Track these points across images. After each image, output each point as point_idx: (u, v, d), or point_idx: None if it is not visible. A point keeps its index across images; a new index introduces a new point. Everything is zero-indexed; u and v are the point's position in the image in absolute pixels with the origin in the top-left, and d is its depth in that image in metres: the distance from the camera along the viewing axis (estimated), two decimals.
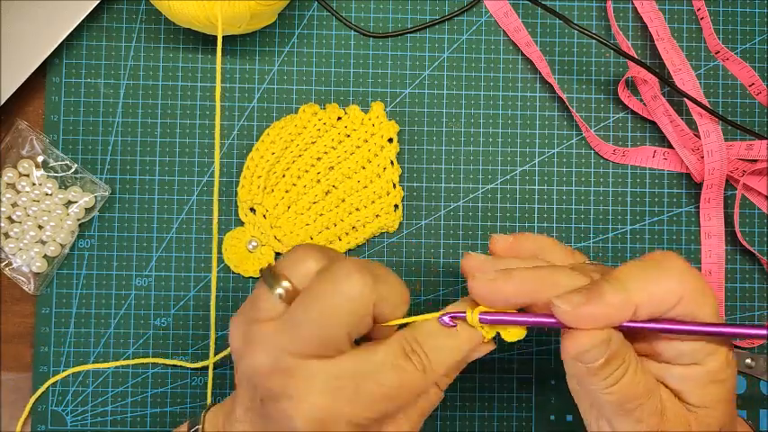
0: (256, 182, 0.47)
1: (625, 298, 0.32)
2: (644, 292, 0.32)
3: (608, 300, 0.32)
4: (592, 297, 0.32)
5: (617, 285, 0.32)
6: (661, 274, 0.33)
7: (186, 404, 0.48)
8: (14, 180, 0.47)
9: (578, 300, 0.32)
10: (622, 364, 0.33)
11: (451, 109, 0.50)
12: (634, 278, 0.33)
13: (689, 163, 0.49)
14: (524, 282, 0.33)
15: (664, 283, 0.32)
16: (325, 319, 0.32)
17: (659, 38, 0.49)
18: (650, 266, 0.33)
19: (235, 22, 0.44)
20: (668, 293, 0.32)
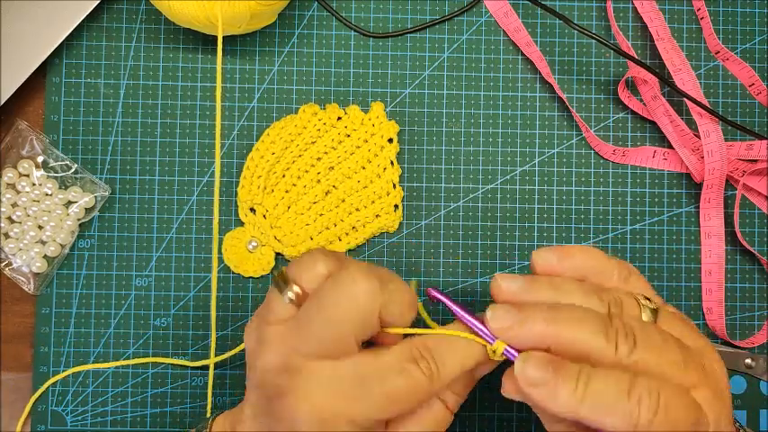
0: (256, 182, 0.47)
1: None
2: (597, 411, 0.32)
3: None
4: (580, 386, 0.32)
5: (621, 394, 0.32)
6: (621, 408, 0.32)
7: (186, 404, 0.48)
8: (14, 180, 0.47)
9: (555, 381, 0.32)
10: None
11: (451, 109, 0.50)
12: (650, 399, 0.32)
13: (689, 163, 0.49)
14: (537, 333, 0.33)
15: (689, 415, 0.32)
16: (333, 322, 0.33)
17: (659, 38, 0.49)
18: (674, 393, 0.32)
19: (235, 22, 0.44)
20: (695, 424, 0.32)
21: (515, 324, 0.33)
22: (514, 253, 0.49)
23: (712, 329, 0.49)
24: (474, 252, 0.49)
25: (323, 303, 0.33)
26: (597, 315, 0.33)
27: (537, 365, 0.32)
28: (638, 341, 0.33)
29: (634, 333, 0.33)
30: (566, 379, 0.32)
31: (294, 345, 0.33)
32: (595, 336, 0.32)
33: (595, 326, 0.33)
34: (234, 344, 0.48)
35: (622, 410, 0.31)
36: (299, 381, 0.33)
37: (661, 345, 0.33)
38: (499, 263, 0.49)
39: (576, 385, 0.31)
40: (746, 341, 0.49)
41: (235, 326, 0.48)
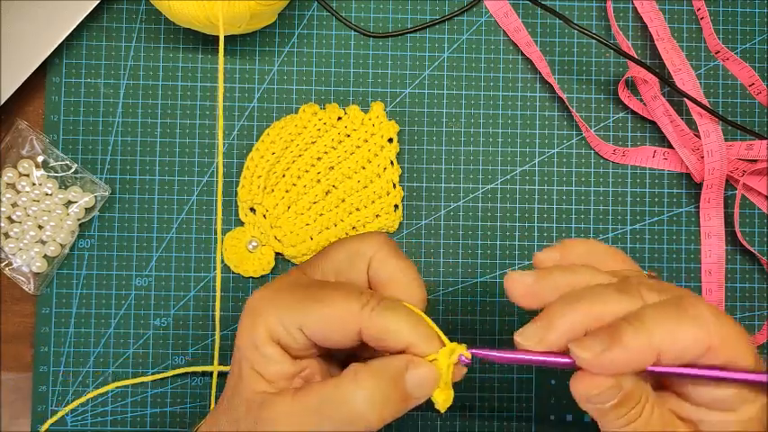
0: (256, 182, 0.47)
1: (647, 344, 0.30)
2: (668, 339, 0.31)
3: (629, 346, 0.30)
4: (613, 343, 0.30)
5: (639, 329, 0.31)
6: (686, 322, 0.31)
7: (186, 404, 0.48)
8: (14, 180, 0.47)
9: (598, 347, 0.31)
10: (636, 405, 0.32)
11: (451, 109, 0.50)
12: (659, 323, 0.31)
13: (689, 163, 0.49)
14: (568, 326, 0.32)
15: (689, 332, 0.31)
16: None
17: (659, 38, 0.49)
18: (677, 312, 0.31)
19: (235, 22, 0.44)
20: (694, 342, 0.31)
21: (542, 330, 0.32)
22: (514, 253, 0.49)
23: None
24: (474, 252, 0.49)
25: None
26: (611, 284, 0.33)
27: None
28: (657, 289, 0.32)
29: (652, 287, 0.32)
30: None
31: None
32: (624, 301, 0.32)
33: (615, 293, 0.32)
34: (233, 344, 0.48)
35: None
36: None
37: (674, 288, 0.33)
38: (499, 263, 0.49)
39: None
40: None
41: (235, 326, 0.48)
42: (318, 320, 0.32)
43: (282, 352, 0.33)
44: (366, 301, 0.32)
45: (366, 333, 0.32)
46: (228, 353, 0.48)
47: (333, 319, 0.32)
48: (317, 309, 0.33)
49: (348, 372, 0.32)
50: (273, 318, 0.33)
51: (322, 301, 0.33)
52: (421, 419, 0.48)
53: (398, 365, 0.32)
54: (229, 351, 0.48)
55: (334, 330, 0.33)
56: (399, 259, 0.35)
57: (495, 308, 0.49)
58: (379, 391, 0.32)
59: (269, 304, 0.34)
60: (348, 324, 0.32)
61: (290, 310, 0.33)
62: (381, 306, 0.32)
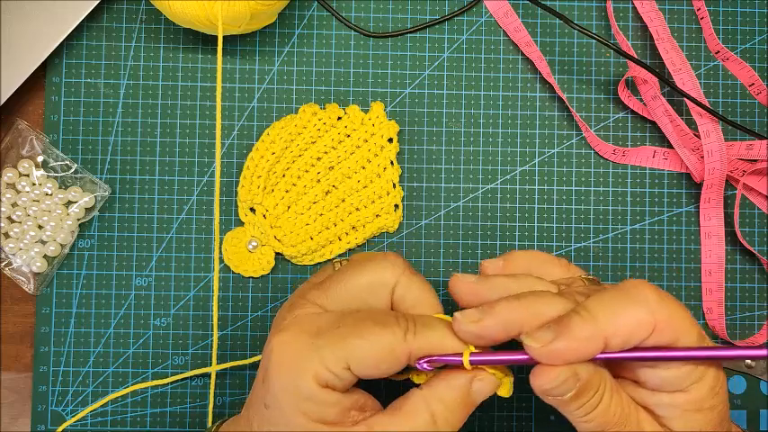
0: (256, 182, 0.47)
1: (594, 331, 0.32)
2: (613, 323, 0.32)
3: (576, 334, 0.31)
4: (560, 332, 0.32)
5: (586, 318, 0.32)
6: (629, 305, 0.32)
7: (186, 404, 0.48)
8: (14, 180, 0.47)
9: (547, 336, 0.32)
10: (596, 394, 0.32)
11: (451, 109, 0.50)
12: (603, 309, 0.32)
13: (689, 163, 0.49)
14: (508, 314, 0.33)
15: (633, 314, 0.32)
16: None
17: (659, 38, 0.49)
18: (620, 297, 0.32)
19: (235, 22, 0.44)
20: (639, 324, 0.32)
21: (482, 314, 0.33)
22: None
23: (712, 329, 0.49)
24: (474, 252, 0.49)
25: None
26: (550, 288, 0.35)
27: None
28: (591, 294, 0.34)
29: (587, 292, 0.34)
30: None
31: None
32: (559, 302, 0.33)
33: (557, 296, 0.34)
34: (234, 344, 0.48)
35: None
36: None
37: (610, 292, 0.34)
38: None
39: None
40: (746, 341, 0.49)
41: (235, 326, 0.48)
42: (366, 356, 0.33)
43: (334, 393, 0.34)
44: (405, 326, 0.34)
45: (415, 356, 0.34)
46: (228, 353, 0.48)
47: (380, 352, 0.33)
48: (362, 345, 0.33)
49: (417, 400, 0.34)
50: (317, 363, 0.33)
51: (364, 337, 0.33)
52: None
53: (463, 384, 0.34)
54: (229, 351, 0.48)
55: (382, 362, 0.33)
56: (418, 280, 0.37)
57: None
58: (453, 414, 0.34)
59: (306, 350, 0.33)
60: (396, 353, 0.33)
61: (333, 350, 0.33)
62: (420, 326, 0.34)
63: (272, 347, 0.34)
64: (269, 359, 0.34)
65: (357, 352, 0.33)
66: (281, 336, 0.34)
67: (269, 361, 0.34)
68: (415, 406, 0.34)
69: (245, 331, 0.48)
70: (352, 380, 0.34)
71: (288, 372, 0.33)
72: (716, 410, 0.34)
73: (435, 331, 0.34)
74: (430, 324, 0.34)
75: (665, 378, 0.33)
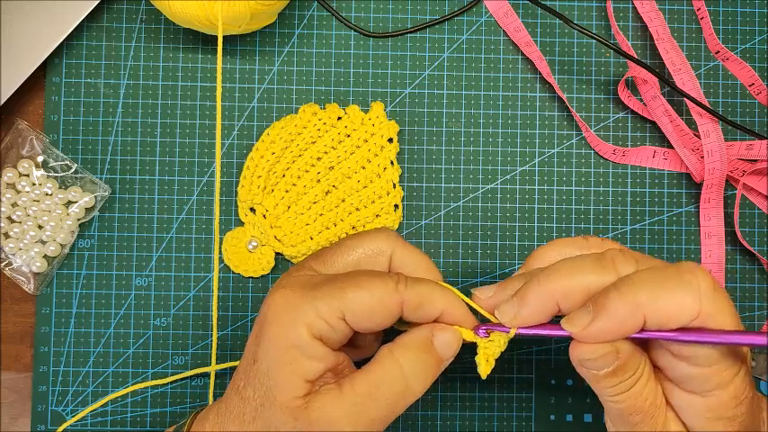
0: (256, 182, 0.47)
1: (633, 309, 0.31)
2: (655, 303, 0.31)
3: (614, 314, 0.31)
4: (598, 312, 0.31)
5: (625, 294, 0.31)
6: (678, 287, 0.31)
7: (186, 404, 0.48)
8: (14, 180, 0.47)
9: (584, 319, 0.31)
10: (632, 376, 0.32)
11: (451, 109, 0.50)
12: (647, 287, 0.31)
13: (689, 163, 0.49)
14: (541, 301, 0.33)
15: (679, 298, 0.30)
16: None
17: (659, 38, 0.49)
18: (670, 276, 0.31)
19: (235, 22, 0.44)
20: (682, 310, 0.31)
21: (518, 309, 0.34)
22: (514, 253, 0.49)
23: None
24: (474, 252, 0.49)
25: None
26: (587, 256, 0.33)
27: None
28: (637, 259, 0.33)
29: (635, 261, 0.33)
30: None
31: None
32: (593, 266, 0.32)
33: (589, 263, 0.33)
34: (234, 344, 0.48)
35: None
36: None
37: (652, 259, 0.33)
38: (499, 263, 0.49)
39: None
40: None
41: (235, 326, 0.48)
42: (361, 304, 0.34)
43: (325, 347, 0.34)
44: (398, 278, 0.35)
45: (407, 306, 0.34)
46: (228, 353, 0.48)
47: (375, 299, 0.34)
48: (358, 294, 0.34)
49: (383, 353, 0.34)
50: (312, 313, 0.34)
51: (360, 286, 0.34)
52: (421, 419, 0.48)
53: (425, 334, 0.35)
54: (229, 351, 0.48)
55: (377, 311, 0.34)
56: (414, 249, 0.38)
57: None
58: (418, 362, 0.34)
59: (302, 301, 0.34)
60: (390, 302, 0.34)
61: (328, 301, 0.34)
62: (411, 280, 0.35)
63: (269, 302, 0.35)
64: (265, 313, 0.35)
65: (352, 301, 0.34)
66: (278, 290, 0.35)
67: (265, 314, 0.35)
68: (381, 358, 0.34)
69: (245, 331, 0.48)
70: (346, 333, 0.34)
71: (282, 322, 0.34)
72: (737, 421, 0.32)
73: (427, 286, 0.35)
74: (422, 281, 0.35)
75: (689, 375, 0.32)
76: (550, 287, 0.33)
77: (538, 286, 0.33)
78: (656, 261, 0.33)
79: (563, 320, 0.32)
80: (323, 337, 0.34)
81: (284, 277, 0.37)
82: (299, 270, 0.37)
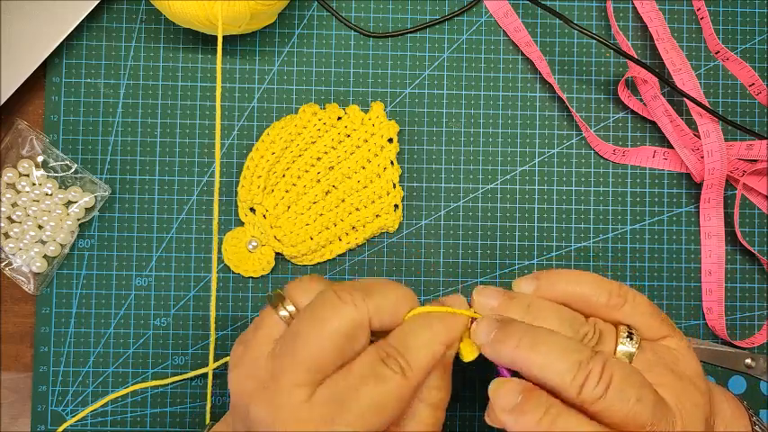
0: (256, 182, 0.47)
1: None
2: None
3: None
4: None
5: None
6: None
7: (186, 404, 0.48)
8: (14, 180, 0.47)
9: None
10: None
11: (451, 109, 0.50)
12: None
13: (689, 163, 0.49)
14: (511, 360, 0.33)
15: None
16: (321, 335, 0.33)
17: (659, 38, 0.49)
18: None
19: (235, 22, 0.44)
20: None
21: (490, 344, 0.34)
22: (514, 253, 0.49)
23: (712, 329, 0.49)
24: (474, 252, 0.49)
25: (299, 335, 0.33)
26: (573, 354, 0.33)
27: (508, 391, 0.32)
28: (609, 392, 0.32)
29: (609, 383, 0.32)
30: (533, 407, 0.32)
31: (276, 368, 0.33)
32: (560, 376, 0.32)
33: (563, 367, 0.32)
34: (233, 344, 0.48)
35: None
36: (274, 410, 0.33)
37: (634, 404, 0.32)
38: (499, 263, 0.49)
39: (542, 418, 0.32)
40: (746, 341, 0.49)
41: (234, 326, 0.48)
42: (384, 416, 0.33)
43: None
44: (397, 365, 0.33)
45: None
46: (228, 353, 0.48)
47: (394, 402, 0.33)
48: (376, 415, 0.33)
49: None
50: None
51: (379, 412, 0.33)
52: None
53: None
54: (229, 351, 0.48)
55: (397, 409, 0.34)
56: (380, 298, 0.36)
57: None
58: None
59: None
60: (406, 396, 0.34)
61: (350, 423, 0.33)
62: (407, 355, 0.34)
63: None
64: None
65: (373, 420, 0.33)
66: None
67: None
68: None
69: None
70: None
71: None
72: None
73: (426, 347, 0.34)
74: (415, 341, 0.34)
75: None
76: (524, 357, 0.33)
77: (515, 348, 0.33)
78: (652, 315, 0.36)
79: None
80: None
81: (272, 404, 0.33)
82: (280, 389, 0.33)
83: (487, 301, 0.36)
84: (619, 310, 0.36)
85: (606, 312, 0.36)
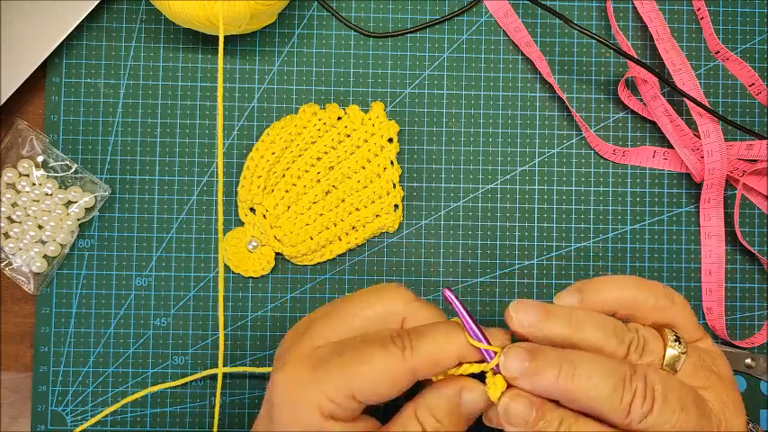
0: (256, 182, 0.47)
1: None
2: None
3: None
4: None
5: None
6: None
7: (186, 405, 0.48)
8: (14, 180, 0.47)
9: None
10: None
11: (451, 109, 0.50)
12: None
13: (689, 163, 0.49)
14: (549, 392, 0.32)
15: None
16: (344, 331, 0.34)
17: (659, 38, 0.49)
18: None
19: (235, 22, 0.44)
20: None
21: (525, 375, 0.32)
22: (514, 253, 0.49)
23: (712, 329, 0.49)
24: (474, 252, 0.49)
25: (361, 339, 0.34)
26: (615, 374, 0.32)
27: (523, 404, 0.32)
28: (655, 407, 0.31)
29: (654, 398, 0.32)
30: (548, 424, 0.31)
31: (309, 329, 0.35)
32: (608, 399, 0.31)
33: (609, 389, 0.31)
34: (234, 344, 0.48)
35: None
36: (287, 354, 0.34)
37: (679, 413, 0.32)
38: (499, 263, 0.49)
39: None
40: (746, 341, 0.49)
41: (235, 326, 0.48)
42: (368, 382, 0.32)
43: (340, 422, 0.33)
44: (402, 344, 0.33)
45: (420, 373, 0.33)
46: (228, 353, 0.48)
47: (381, 375, 0.32)
48: (363, 372, 0.32)
49: (408, 413, 0.33)
50: (319, 395, 0.32)
51: (366, 363, 0.32)
52: None
53: (451, 393, 0.33)
54: (229, 351, 0.48)
55: (386, 385, 0.32)
56: (427, 305, 0.36)
57: (494, 308, 0.49)
58: (441, 423, 0.33)
59: (310, 384, 0.33)
60: (398, 373, 0.32)
61: (335, 383, 0.32)
62: (416, 338, 0.33)
63: (274, 385, 0.34)
64: (272, 396, 0.34)
65: (359, 379, 0.32)
66: (281, 373, 0.34)
67: (272, 399, 0.34)
68: (405, 417, 0.33)
69: (245, 331, 0.48)
70: (357, 408, 0.33)
71: (291, 405, 0.33)
72: None
73: (433, 342, 0.33)
74: (426, 333, 0.33)
75: None
76: (564, 388, 0.32)
77: (554, 379, 0.32)
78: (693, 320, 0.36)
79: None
80: (335, 416, 0.33)
81: (288, 351, 0.35)
82: (303, 339, 0.35)
83: (526, 317, 0.33)
84: (667, 311, 0.35)
85: (654, 315, 0.35)
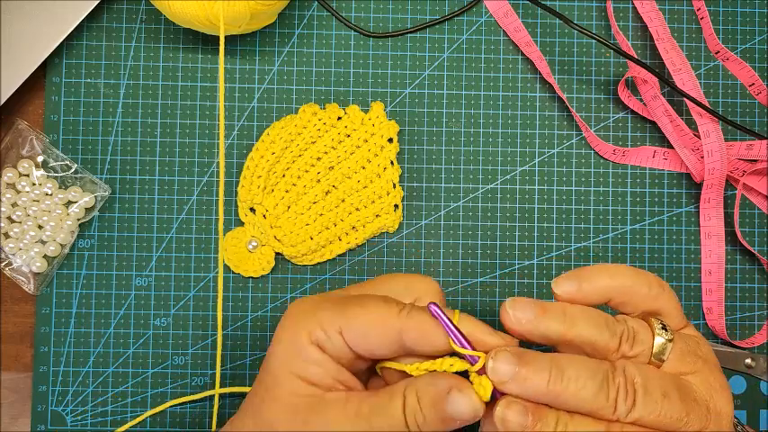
0: (256, 182, 0.47)
1: None
2: None
3: None
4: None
5: None
6: None
7: (186, 404, 0.48)
8: (14, 180, 0.47)
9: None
10: None
11: (451, 109, 0.50)
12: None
13: (689, 163, 0.49)
14: (538, 396, 0.32)
15: None
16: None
17: (659, 38, 0.49)
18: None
19: (235, 22, 0.44)
20: None
21: (514, 379, 0.32)
22: (514, 253, 0.49)
23: (712, 329, 0.49)
24: (474, 252, 0.49)
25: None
26: (599, 373, 0.32)
27: (518, 411, 0.32)
28: (637, 400, 0.32)
29: (635, 390, 0.32)
30: (545, 425, 0.32)
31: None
32: (595, 398, 0.32)
33: (595, 389, 0.32)
34: (233, 344, 0.48)
35: None
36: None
37: (662, 402, 0.32)
38: (499, 263, 0.49)
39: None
40: (746, 341, 0.49)
41: (235, 326, 0.48)
42: (358, 324, 0.34)
43: (323, 353, 0.34)
44: (403, 306, 0.34)
45: (407, 336, 0.34)
46: (228, 353, 0.48)
47: (372, 322, 0.34)
48: (358, 313, 0.34)
49: (398, 386, 0.34)
50: (314, 323, 0.34)
51: (362, 306, 0.34)
52: None
53: (442, 387, 0.33)
54: (229, 351, 0.48)
55: (373, 334, 0.34)
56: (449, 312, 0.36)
57: (494, 308, 0.49)
58: (422, 412, 0.33)
59: (310, 311, 0.35)
60: (387, 327, 0.34)
61: (330, 314, 0.34)
62: (418, 309, 0.34)
63: (288, 308, 0.36)
64: (282, 318, 0.36)
65: (351, 318, 0.34)
66: (299, 299, 0.36)
67: (282, 319, 0.36)
68: (392, 390, 0.34)
69: (245, 331, 0.48)
70: (343, 348, 0.34)
71: (290, 325, 0.35)
72: None
73: (428, 317, 0.34)
74: (425, 310, 0.34)
75: None
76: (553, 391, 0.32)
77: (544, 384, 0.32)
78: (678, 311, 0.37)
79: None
80: (320, 346, 0.34)
81: (320, 294, 0.38)
82: (337, 290, 0.38)
83: (523, 315, 0.33)
84: (658, 299, 0.36)
85: (646, 303, 0.36)
